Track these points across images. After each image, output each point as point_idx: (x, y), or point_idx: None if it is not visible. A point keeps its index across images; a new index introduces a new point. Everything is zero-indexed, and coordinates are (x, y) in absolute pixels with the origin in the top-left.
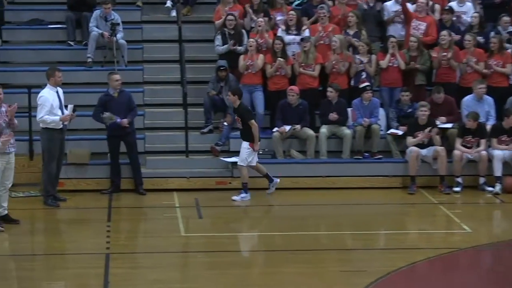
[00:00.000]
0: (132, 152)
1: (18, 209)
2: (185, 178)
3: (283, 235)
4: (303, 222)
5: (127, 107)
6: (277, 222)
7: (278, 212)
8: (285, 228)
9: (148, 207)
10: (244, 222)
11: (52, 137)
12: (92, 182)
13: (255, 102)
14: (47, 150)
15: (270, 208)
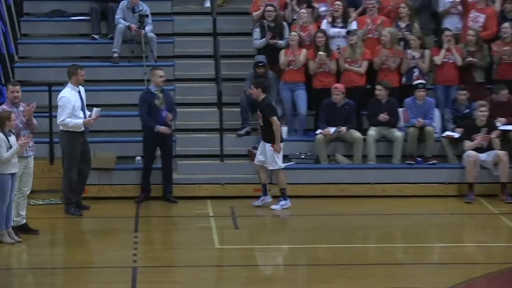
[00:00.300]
0: (167, 156)
1: (37, 218)
2: (219, 185)
3: (328, 247)
4: (349, 233)
5: (169, 106)
6: (321, 233)
7: (322, 223)
8: (330, 240)
9: (179, 216)
10: (284, 233)
11: (72, 140)
12: (118, 188)
13: (297, 101)
14: (67, 155)
15: (313, 218)
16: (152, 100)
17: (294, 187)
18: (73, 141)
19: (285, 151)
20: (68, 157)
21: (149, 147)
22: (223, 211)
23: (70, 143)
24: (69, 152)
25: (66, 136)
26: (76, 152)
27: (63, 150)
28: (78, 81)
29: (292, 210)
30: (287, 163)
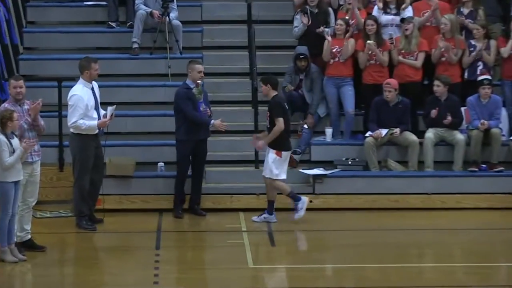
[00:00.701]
0: (201, 161)
1: (45, 233)
2: (254, 195)
3: (378, 267)
4: (403, 251)
5: (206, 102)
6: (370, 251)
7: (372, 239)
8: (380, 259)
9: (207, 231)
10: (328, 251)
11: (85, 144)
12: (137, 199)
13: (343, 99)
14: (79, 160)
15: (361, 233)
16: (193, 97)
17: (340, 198)
18: (85, 145)
19: (330, 156)
20: (80, 163)
21: (186, 152)
22: (258, 225)
23: (82, 147)
24: (81, 158)
25: (78, 139)
26: (89, 157)
27: (74, 155)
28: (91, 77)
29: (337, 225)
30: (332, 170)
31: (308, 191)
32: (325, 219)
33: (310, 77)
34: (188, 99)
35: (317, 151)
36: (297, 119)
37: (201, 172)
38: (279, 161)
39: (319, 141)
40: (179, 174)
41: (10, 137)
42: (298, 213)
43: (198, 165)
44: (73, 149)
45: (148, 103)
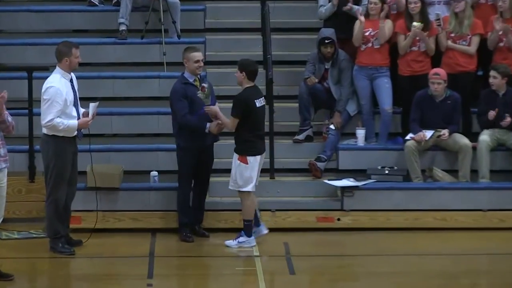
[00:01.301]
0: (206, 172)
1: (12, 257)
2: (268, 211)
3: None
4: (452, 280)
5: (213, 100)
6: (410, 281)
7: (414, 265)
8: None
9: (210, 256)
10: (360, 280)
11: (61, 149)
12: (125, 216)
13: (378, 94)
14: (54, 169)
15: (400, 258)
16: (193, 94)
17: (374, 216)
18: (62, 150)
19: (363, 163)
20: (56, 172)
21: (189, 161)
22: (273, 249)
23: (58, 153)
24: (57, 165)
25: (53, 143)
26: (66, 165)
27: (48, 162)
28: (71, 65)
29: (370, 248)
30: (364, 181)
31: (335, 206)
32: (356, 241)
33: (337, 66)
34: (184, 98)
35: (346, 158)
36: (321, 118)
37: (205, 185)
38: (245, 168)
39: (349, 145)
40: (183, 188)
41: None
42: (232, 242)
43: (202, 176)
44: (46, 155)
45: (138, 98)
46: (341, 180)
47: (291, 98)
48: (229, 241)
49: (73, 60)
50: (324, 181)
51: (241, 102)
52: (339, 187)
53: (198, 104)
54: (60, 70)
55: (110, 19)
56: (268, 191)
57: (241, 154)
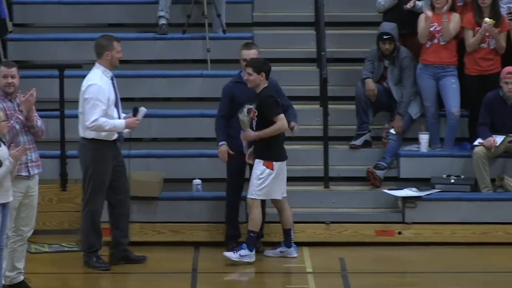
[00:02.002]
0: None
1: (42, 273)
2: (322, 224)
3: None
4: None
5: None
6: None
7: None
8: None
9: (259, 272)
10: None
11: (102, 154)
12: (165, 229)
13: (444, 94)
14: (92, 176)
15: (467, 276)
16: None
17: (438, 229)
18: (101, 155)
19: (426, 171)
20: (94, 180)
21: (237, 167)
22: (327, 265)
23: (96, 158)
24: (95, 172)
25: (92, 147)
26: (106, 172)
27: (86, 169)
28: (112, 61)
29: (434, 265)
30: (428, 191)
31: (395, 219)
32: (418, 257)
33: (398, 65)
34: (228, 98)
35: (408, 165)
36: (380, 121)
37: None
38: (269, 175)
39: (411, 151)
40: (230, 197)
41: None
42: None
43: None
44: (84, 160)
45: (180, 99)
46: (402, 190)
47: (347, 99)
48: (229, 253)
49: (114, 55)
50: (383, 191)
51: (274, 100)
52: (400, 197)
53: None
54: (100, 67)
55: (149, 12)
56: (322, 201)
57: (268, 159)
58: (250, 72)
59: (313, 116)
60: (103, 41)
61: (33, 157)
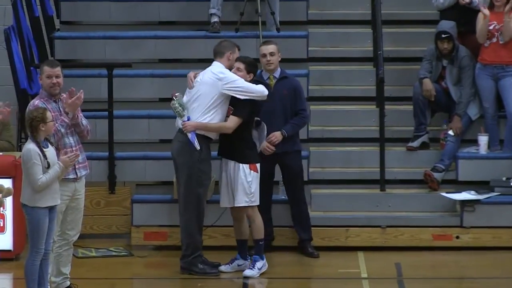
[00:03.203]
0: (293, 181)
1: (90, 278)
2: (378, 228)
3: None
4: None
5: (290, 106)
6: None
7: None
8: None
9: (313, 277)
10: None
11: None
12: (217, 232)
13: (504, 95)
14: (196, 173)
15: None
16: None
17: (498, 233)
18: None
19: (485, 174)
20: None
21: (262, 167)
22: (383, 270)
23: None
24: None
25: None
26: (208, 168)
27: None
28: (230, 64)
29: (495, 271)
30: (488, 194)
31: (453, 223)
32: (477, 262)
33: (457, 64)
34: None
35: (467, 168)
36: (439, 122)
37: (298, 196)
38: (256, 178)
39: (470, 153)
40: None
41: (43, 146)
42: (251, 272)
43: (290, 186)
44: (184, 159)
45: None
46: (460, 193)
47: (405, 99)
48: (249, 271)
49: (233, 58)
50: (441, 194)
51: (252, 103)
52: (459, 201)
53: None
54: (221, 65)
55: (201, 9)
56: (378, 204)
57: (252, 162)
58: (241, 68)
59: (369, 117)
60: (228, 43)
61: (79, 158)
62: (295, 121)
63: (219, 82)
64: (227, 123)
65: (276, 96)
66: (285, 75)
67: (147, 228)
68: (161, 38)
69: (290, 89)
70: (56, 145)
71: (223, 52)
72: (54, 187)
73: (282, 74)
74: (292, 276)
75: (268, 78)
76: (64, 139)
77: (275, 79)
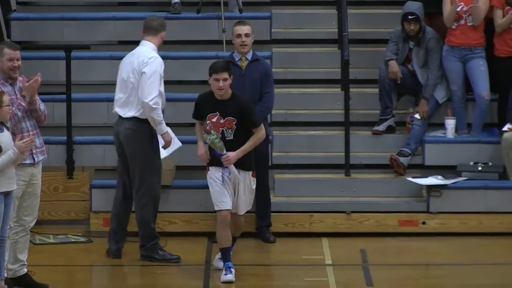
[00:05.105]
0: (259, 168)
1: (47, 265)
2: (343, 213)
3: None
4: None
5: (260, 90)
6: None
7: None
8: None
9: (276, 264)
10: None
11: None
12: (177, 218)
13: (472, 78)
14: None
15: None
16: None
17: (465, 219)
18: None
19: (452, 159)
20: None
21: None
22: (348, 257)
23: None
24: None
25: (144, 129)
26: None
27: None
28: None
29: (461, 256)
30: (454, 179)
31: (420, 208)
32: (443, 248)
33: (424, 46)
34: None
35: (434, 152)
36: (404, 105)
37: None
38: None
39: (437, 137)
40: None
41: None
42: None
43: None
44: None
45: (193, 82)
46: (427, 178)
47: (370, 82)
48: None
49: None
50: (407, 179)
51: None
52: (425, 185)
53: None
54: (153, 46)
55: None
56: (342, 190)
57: (253, 169)
58: (227, 77)
59: (334, 100)
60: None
61: (37, 143)
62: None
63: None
64: (259, 134)
65: (247, 79)
66: (257, 58)
67: (106, 214)
68: (121, 19)
69: (261, 73)
70: (12, 130)
71: (156, 32)
72: (10, 172)
73: (254, 57)
74: (255, 263)
75: (240, 59)
76: (21, 123)
77: (247, 61)
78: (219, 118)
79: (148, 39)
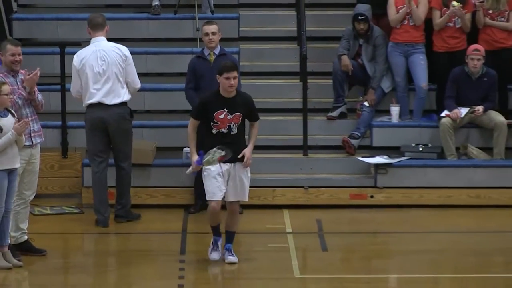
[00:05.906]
0: None
1: (44, 233)
2: (301, 188)
3: (454, 279)
4: (486, 258)
5: None
6: (444, 258)
7: (447, 243)
8: (457, 268)
9: (243, 232)
10: (392, 257)
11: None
12: (157, 193)
13: (413, 71)
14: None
15: (433, 236)
16: (203, 69)
17: (408, 193)
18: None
19: (396, 141)
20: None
21: None
22: (306, 226)
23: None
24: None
25: (129, 111)
26: None
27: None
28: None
29: (404, 226)
30: (398, 159)
31: (368, 184)
32: (389, 219)
33: (372, 43)
34: (191, 71)
35: (380, 135)
36: (355, 95)
37: None
38: None
39: (383, 122)
40: None
41: (0, 115)
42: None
43: None
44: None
45: (171, 75)
46: (374, 158)
47: (325, 74)
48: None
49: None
50: (357, 158)
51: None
52: (373, 164)
53: (206, 81)
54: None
55: None
56: (301, 168)
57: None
58: (236, 75)
59: (293, 90)
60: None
61: (35, 127)
62: None
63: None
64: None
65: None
66: (224, 52)
67: None
68: (108, 19)
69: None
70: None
71: (105, 25)
72: (13, 151)
73: (222, 52)
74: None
75: (208, 54)
76: (21, 110)
77: (215, 56)
78: (226, 114)
79: (100, 34)
